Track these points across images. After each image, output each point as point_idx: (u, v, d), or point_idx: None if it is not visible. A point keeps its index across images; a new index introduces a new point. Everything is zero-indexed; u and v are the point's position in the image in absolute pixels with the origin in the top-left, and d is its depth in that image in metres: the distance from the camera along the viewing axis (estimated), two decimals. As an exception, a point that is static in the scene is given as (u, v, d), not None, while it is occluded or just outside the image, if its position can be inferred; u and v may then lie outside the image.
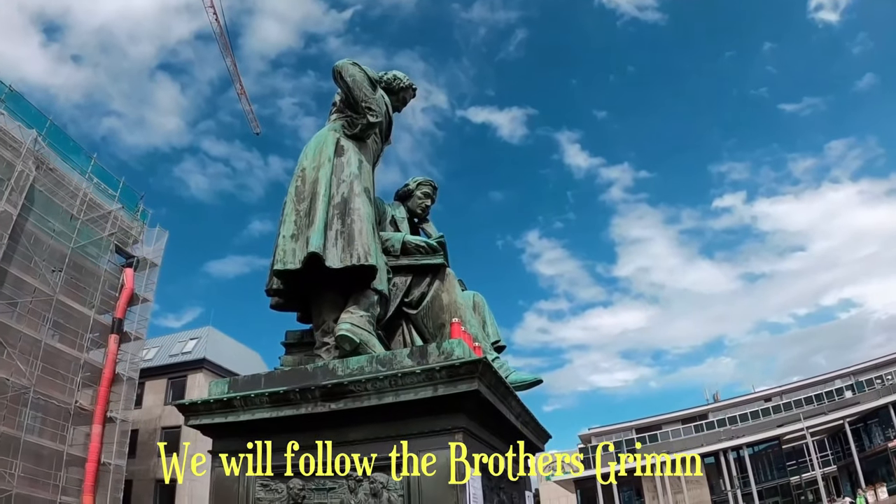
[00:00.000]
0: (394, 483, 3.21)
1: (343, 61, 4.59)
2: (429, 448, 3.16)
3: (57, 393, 26.36)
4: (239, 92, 57.18)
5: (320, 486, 3.45)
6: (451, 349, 3.29)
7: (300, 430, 3.56)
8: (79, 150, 30.40)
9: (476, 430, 3.37)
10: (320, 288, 4.20)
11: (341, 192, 4.19)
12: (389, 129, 5.24)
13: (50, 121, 27.90)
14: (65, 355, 27.12)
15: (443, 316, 4.54)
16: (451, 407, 3.16)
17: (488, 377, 3.21)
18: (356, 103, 4.49)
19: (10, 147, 24.85)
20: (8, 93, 25.84)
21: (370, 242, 3.97)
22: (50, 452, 25.46)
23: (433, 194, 5.86)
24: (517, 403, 3.95)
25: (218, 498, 3.74)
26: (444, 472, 3.07)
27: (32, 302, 25.84)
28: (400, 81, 5.37)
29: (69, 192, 28.31)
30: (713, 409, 63.42)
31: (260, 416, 3.67)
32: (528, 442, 4.68)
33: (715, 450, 46.89)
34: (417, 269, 4.75)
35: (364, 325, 3.92)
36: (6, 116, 25.36)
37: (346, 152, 4.41)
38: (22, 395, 24.30)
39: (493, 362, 4.53)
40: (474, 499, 3.08)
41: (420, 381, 3.18)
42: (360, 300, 4.04)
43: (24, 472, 23.63)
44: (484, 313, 5.41)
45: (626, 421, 68.05)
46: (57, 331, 27.36)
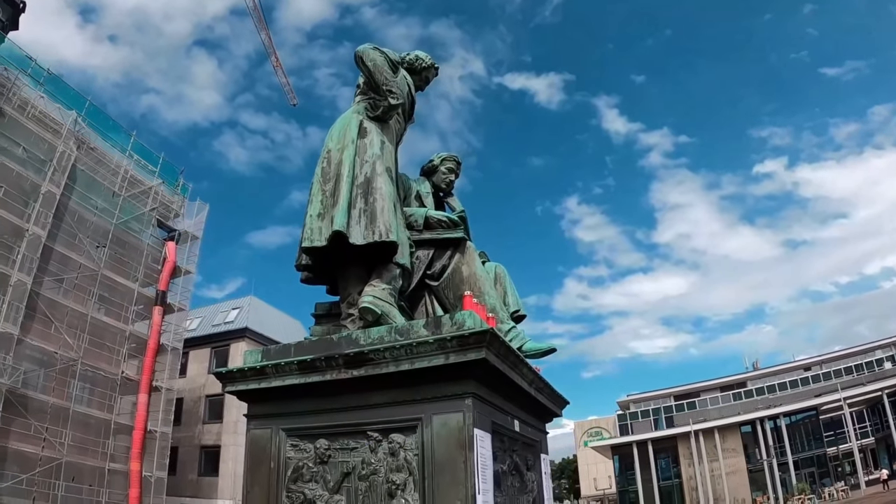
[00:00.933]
0: (410, 443, 3.50)
1: (364, 46, 4.81)
2: (441, 411, 3.43)
3: (104, 364, 27.33)
4: (274, 65, 57.95)
5: (344, 446, 3.76)
6: (462, 320, 3.53)
7: (326, 394, 3.87)
8: (118, 129, 31.16)
9: (487, 395, 3.63)
10: (346, 263, 4.46)
11: (364, 172, 4.42)
12: (412, 109, 5.45)
13: (89, 101, 28.60)
14: (111, 328, 28.08)
15: (462, 287, 4.78)
16: (461, 374, 3.42)
17: (496, 346, 3.45)
18: (378, 86, 4.70)
19: (50, 129, 25.66)
20: (46, 76, 26.55)
21: (391, 219, 4.20)
22: (98, 421, 26.45)
23: (457, 169, 6.09)
24: (529, 371, 4.18)
25: (253, 457, 4.09)
26: (455, 433, 3.34)
27: (78, 277, 26.76)
28: (422, 61, 5.59)
29: (110, 170, 29.11)
30: (752, 377, 63.06)
31: (290, 383, 3.97)
32: (544, 407, 4.92)
33: (751, 418, 46.68)
34: (439, 242, 5.01)
35: (386, 297, 4.19)
36: (46, 99, 26.13)
37: (369, 134, 4.63)
38: (70, 367, 25.30)
39: (510, 332, 4.81)
40: (482, 459, 3.34)
41: (433, 349, 3.44)
42: (383, 274, 4.30)
43: (73, 440, 24.61)
44: (505, 284, 5.60)
45: (664, 388, 68.12)
46: (103, 304, 28.22)
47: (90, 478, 25.30)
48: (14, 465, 22.47)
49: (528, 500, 4.41)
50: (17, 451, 22.54)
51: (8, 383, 21.88)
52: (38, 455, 23.07)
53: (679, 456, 47.98)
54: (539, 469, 4.83)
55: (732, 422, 47.46)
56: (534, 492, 4.53)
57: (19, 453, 22.67)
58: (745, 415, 47.92)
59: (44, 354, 24.62)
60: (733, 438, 46.77)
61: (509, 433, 4.15)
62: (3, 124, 23.85)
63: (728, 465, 45.00)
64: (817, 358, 61.25)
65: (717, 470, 45.04)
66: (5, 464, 22.15)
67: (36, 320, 24.25)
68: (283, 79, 59.02)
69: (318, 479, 3.79)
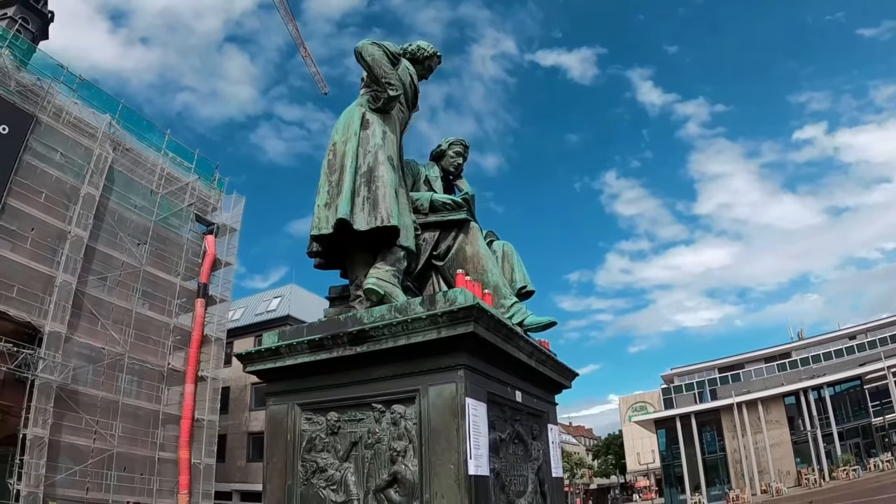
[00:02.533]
0: (409, 413, 3.74)
1: (362, 42, 5.03)
2: (436, 382, 3.66)
3: (150, 357, 28.32)
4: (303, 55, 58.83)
5: (352, 418, 4.03)
6: (454, 297, 3.75)
7: (334, 370, 4.14)
8: (152, 128, 32.00)
9: (481, 366, 3.84)
10: (352, 248, 4.73)
11: (367, 161, 4.66)
12: (416, 98, 5.66)
13: (122, 104, 29.42)
14: (155, 321, 29.06)
15: (466, 266, 5.02)
16: (453, 347, 3.64)
17: (485, 320, 3.66)
18: (377, 79, 4.92)
19: (86, 133, 26.55)
20: (79, 82, 27.39)
21: (392, 205, 4.43)
22: (147, 412, 27.47)
23: (464, 153, 6.30)
24: (527, 344, 4.38)
25: (271, 430, 4.40)
26: (448, 402, 3.58)
27: (121, 275, 27.79)
28: (424, 51, 5.80)
29: (147, 169, 30.01)
30: (796, 347, 62.07)
31: (301, 361, 4.26)
32: (549, 379, 5.13)
33: (795, 389, 45.98)
34: (444, 224, 5.27)
35: (389, 278, 4.44)
36: (80, 105, 26.96)
37: (371, 125, 4.86)
38: (118, 361, 26.28)
39: (512, 307, 5.02)
40: (474, 426, 3.57)
41: (426, 325, 3.67)
42: (387, 256, 4.55)
43: (123, 431, 25.69)
44: (512, 262, 5.81)
45: (708, 360, 67.42)
46: (146, 299, 29.25)
47: (141, 467, 26.36)
48: (67, 457, 23.48)
49: (533, 467, 4.59)
50: (69, 444, 23.54)
51: (58, 380, 22.86)
52: (91, 447, 24.13)
53: (723, 429, 47.52)
54: (546, 438, 5.01)
55: (776, 393, 46.82)
56: (539, 460, 4.71)
57: (72, 446, 23.67)
58: (788, 385, 47.19)
59: (92, 350, 25.62)
60: (777, 410, 46.17)
61: (510, 403, 4.35)
62: (40, 132, 24.75)
63: (772, 437, 44.47)
64: (862, 326, 59.94)
65: (762, 442, 44.57)
66: (59, 457, 23.13)
67: (82, 318, 25.22)
68: (313, 68, 59.98)
69: (329, 449, 4.08)
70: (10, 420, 22.39)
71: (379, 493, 3.75)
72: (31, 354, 22.31)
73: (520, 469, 4.42)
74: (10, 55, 24.92)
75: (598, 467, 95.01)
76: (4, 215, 23.01)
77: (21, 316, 22.62)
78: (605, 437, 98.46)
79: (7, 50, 24.76)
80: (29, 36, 30.35)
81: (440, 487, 3.45)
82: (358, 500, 3.83)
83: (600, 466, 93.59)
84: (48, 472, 22.17)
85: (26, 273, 23.23)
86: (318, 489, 4.03)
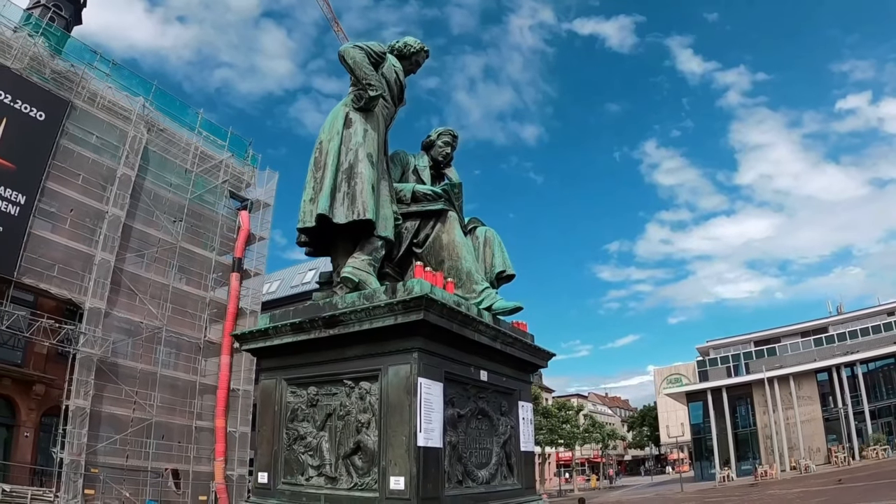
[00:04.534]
0: (373, 389, 4.23)
1: (345, 46, 5.42)
2: (395, 363, 4.13)
3: (187, 330, 29.17)
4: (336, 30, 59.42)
5: (328, 392, 4.56)
6: (412, 287, 4.19)
7: (312, 350, 4.66)
8: (185, 108, 32.61)
9: (439, 349, 4.27)
10: (335, 239, 5.19)
11: (348, 159, 5.07)
12: (402, 93, 5.97)
13: (155, 85, 30.06)
14: (192, 295, 29.83)
15: (442, 253, 5.45)
16: (409, 332, 4.08)
17: (436, 308, 4.07)
18: (358, 81, 5.33)
19: (121, 116, 27.24)
20: (112, 66, 28.20)
21: (369, 199, 4.85)
22: (184, 383, 28.36)
23: (453, 142, 6.58)
24: (487, 328, 4.77)
25: (263, 402, 5.00)
26: (403, 381, 4.03)
27: (158, 251, 28.47)
28: (410, 47, 6.08)
29: (181, 148, 30.64)
30: (833, 322, 60.97)
31: (286, 341, 4.79)
32: (520, 360, 5.51)
33: (827, 365, 45.40)
34: (424, 214, 5.64)
35: (364, 267, 4.89)
36: (114, 89, 27.73)
37: (354, 124, 5.26)
38: (156, 334, 27.11)
39: (483, 292, 5.37)
40: (426, 403, 4.00)
41: (385, 312, 4.12)
42: (365, 246, 5.00)
43: (161, 402, 26.58)
44: (493, 247, 6.07)
45: (744, 334, 66.64)
46: (183, 274, 30.05)
47: (179, 435, 27.33)
48: (108, 426, 24.48)
49: (499, 441, 5.00)
50: (110, 414, 24.54)
51: (99, 353, 23.80)
52: (130, 417, 25.08)
53: (754, 403, 47.27)
54: (516, 414, 5.41)
55: (808, 368, 46.28)
56: (506, 434, 5.10)
57: (113, 416, 24.68)
58: (820, 361, 46.65)
59: (130, 324, 26.50)
60: (809, 386, 45.67)
61: (473, 382, 4.76)
62: (76, 116, 25.53)
63: (803, 413, 44.11)
64: (901, 301, 58.65)
65: (793, 418, 44.24)
66: (100, 426, 24.11)
67: (121, 294, 26.09)
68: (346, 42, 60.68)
69: (308, 419, 4.62)
70: (53, 392, 23.60)
71: (346, 458, 4.27)
72: (73, 330, 23.32)
73: (483, 442, 4.86)
74: (45, 43, 25.75)
75: (632, 438, 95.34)
76: (44, 198, 23.96)
77: (62, 293, 23.67)
78: (641, 409, 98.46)
79: (41, 38, 25.57)
80: (62, 23, 31.14)
81: (394, 456, 3.94)
82: (330, 465, 4.36)
83: (635, 438, 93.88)
84: (90, 441, 23.18)
85: (66, 252, 24.25)
86: (298, 454, 4.60)
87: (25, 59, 24.60)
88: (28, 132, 23.66)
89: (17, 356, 23.74)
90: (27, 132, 23.64)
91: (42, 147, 23.95)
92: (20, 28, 25.90)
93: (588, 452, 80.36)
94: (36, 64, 25.19)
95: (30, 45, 24.90)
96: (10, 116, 23.45)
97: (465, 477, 4.46)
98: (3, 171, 22.93)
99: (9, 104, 23.50)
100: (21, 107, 23.76)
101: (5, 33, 24.97)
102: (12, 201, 22.93)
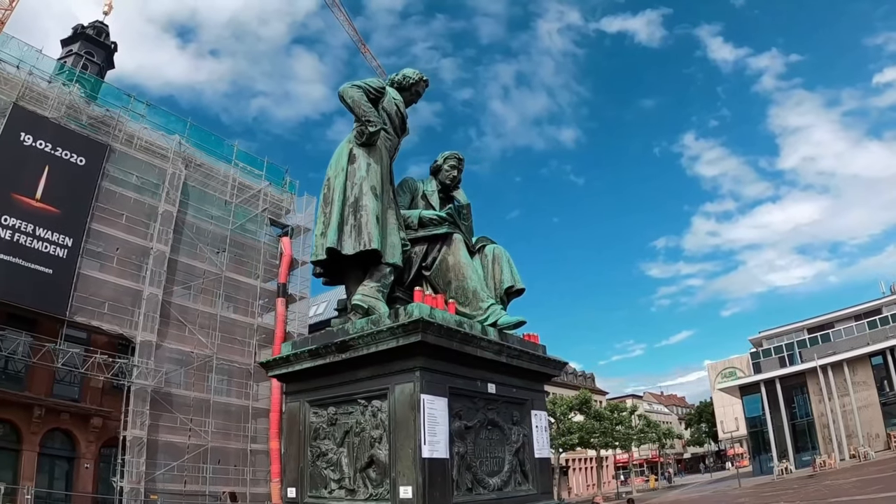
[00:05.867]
0: (384, 407, 4.58)
1: (344, 86, 5.79)
2: (400, 382, 4.48)
3: (237, 356, 29.93)
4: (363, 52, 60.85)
5: (345, 411, 4.94)
6: (412, 311, 4.54)
7: (329, 373, 5.05)
8: (221, 142, 33.75)
9: (441, 367, 4.58)
10: (346, 268, 5.58)
11: (353, 193, 5.45)
12: (403, 123, 6.30)
13: (189, 122, 31.22)
14: (239, 323, 30.67)
15: (448, 274, 5.77)
16: (410, 353, 4.43)
17: (433, 330, 4.40)
18: (358, 119, 5.73)
19: (158, 155, 28.36)
20: (146, 107, 29.34)
21: (374, 230, 5.21)
22: (237, 408, 29.17)
23: (458, 165, 6.89)
24: (490, 343, 5.05)
25: (289, 423, 5.46)
26: (408, 398, 4.38)
27: (204, 282, 29.43)
28: (409, 79, 6.45)
29: (219, 181, 31.61)
30: (887, 302, 58.98)
31: (305, 366, 5.20)
32: (529, 371, 5.72)
33: (881, 349, 44.03)
34: (431, 238, 5.97)
35: (373, 293, 5.26)
36: (150, 129, 28.84)
37: (357, 159, 5.62)
38: (207, 362, 28.00)
39: (489, 309, 5.62)
40: (430, 417, 4.33)
41: (388, 336, 4.48)
42: (374, 274, 5.37)
43: (216, 427, 27.39)
44: (502, 263, 6.32)
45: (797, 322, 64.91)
46: (229, 303, 30.93)
47: (235, 459, 28.14)
48: (165, 454, 25.40)
49: (511, 450, 5.26)
50: (167, 442, 25.45)
51: (152, 384, 24.81)
52: (186, 443, 25.96)
53: (809, 392, 46.12)
54: (529, 423, 5.63)
55: (861, 353, 44.90)
56: (518, 442, 5.36)
57: (169, 443, 25.58)
58: (873, 345, 45.30)
59: (181, 354, 27.45)
60: (864, 371, 44.27)
61: (481, 395, 5.05)
62: (115, 159, 26.72)
63: (860, 399, 42.84)
64: (959, 277, 56.65)
65: (849, 405, 43.01)
66: (157, 454, 25.05)
67: (171, 325, 27.06)
68: (374, 62, 61.90)
69: (329, 437, 5.02)
70: (110, 424, 24.63)
71: (362, 471, 4.65)
72: (126, 363, 24.41)
73: (494, 451, 5.13)
74: (80, 91, 27.03)
75: (690, 436, 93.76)
76: (91, 239, 25.13)
77: (114, 329, 24.76)
78: (697, 405, 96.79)
79: (76, 86, 26.89)
80: (95, 69, 32.59)
81: (402, 468, 4.29)
82: (349, 478, 4.74)
83: (693, 435, 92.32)
84: (148, 469, 24.16)
85: (115, 289, 25.37)
86: (321, 469, 5.01)
87: (62, 107, 25.82)
88: (70, 177, 24.85)
89: (73, 391, 24.91)
90: (69, 178, 24.83)
91: (84, 190, 25.10)
92: (54, 78, 27.19)
93: (646, 453, 79.37)
94: (73, 111, 26.42)
95: (65, 93, 26.16)
96: (51, 164, 24.62)
97: (476, 484, 4.76)
98: (49, 216, 24.10)
99: (50, 152, 24.68)
100: (62, 154, 24.97)
101: (41, 85, 26.23)
102: (60, 244, 24.05)
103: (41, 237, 23.63)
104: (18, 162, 23.87)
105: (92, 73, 31.15)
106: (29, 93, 25.38)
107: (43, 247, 23.61)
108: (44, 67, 26.98)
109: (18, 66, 25.59)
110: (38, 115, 24.92)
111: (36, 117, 24.80)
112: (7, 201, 23.31)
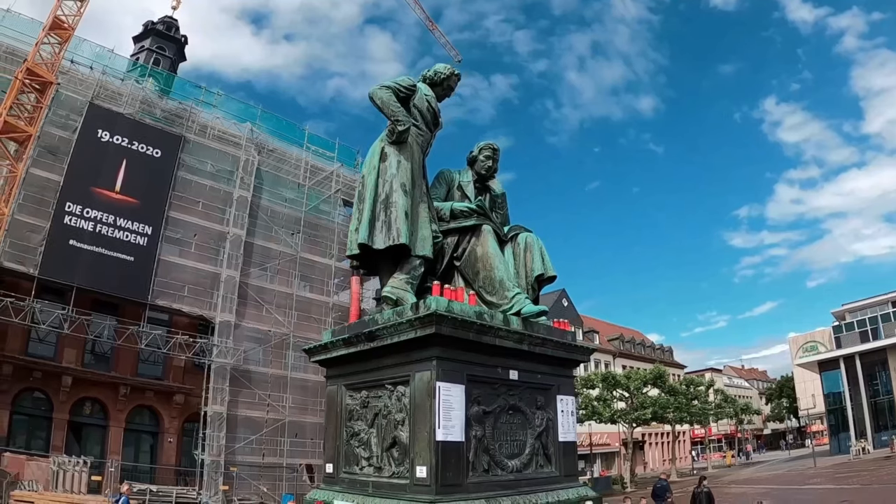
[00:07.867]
0: (406, 392, 4.99)
1: (373, 87, 6.09)
2: (420, 370, 4.86)
3: (313, 334, 30.18)
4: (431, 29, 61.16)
5: (375, 395, 5.38)
6: (430, 304, 4.90)
7: (362, 360, 5.50)
8: (292, 126, 34.62)
9: (459, 356, 4.93)
10: (379, 261, 6.00)
11: (385, 190, 5.82)
12: (436, 118, 6.60)
13: (260, 108, 32.19)
14: (315, 302, 31.65)
15: (477, 265, 6.07)
16: (427, 343, 4.80)
17: (447, 322, 4.72)
18: (388, 118, 6.08)
19: (231, 143, 29.50)
20: (217, 97, 30.49)
21: (403, 225, 5.57)
22: (314, 384, 29.91)
23: (493, 155, 7.07)
24: (509, 332, 5.32)
25: (328, 404, 6.01)
26: (425, 385, 4.75)
27: (279, 263, 30.56)
28: (441, 74, 6.72)
29: (292, 165, 32.52)
30: (974, 269, 55.31)
31: (341, 353, 5.67)
32: (552, 357, 5.93)
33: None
34: (462, 229, 6.26)
35: (402, 285, 5.65)
36: (222, 118, 29.99)
37: (388, 157, 5.97)
38: (283, 340, 29.14)
39: (514, 298, 5.91)
40: (446, 403, 4.69)
41: (408, 327, 4.86)
42: (404, 266, 5.75)
43: (293, 402, 28.61)
44: (533, 252, 6.55)
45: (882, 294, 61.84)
46: (305, 282, 31.90)
47: (311, 432, 29.25)
48: (245, 428, 26.83)
49: (533, 433, 5.55)
50: (246, 417, 26.90)
51: (232, 362, 26.21)
52: (264, 418, 27.34)
53: (890, 369, 44.00)
54: (554, 407, 5.87)
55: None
56: (542, 426, 5.63)
57: (248, 418, 27.02)
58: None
59: (259, 333, 28.77)
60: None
61: (502, 381, 5.35)
62: (190, 149, 28.07)
63: (943, 374, 40.80)
64: None
65: (933, 382, 41.07)
66: (237, 428, 26.50)
67: (248, 306, 28.42)
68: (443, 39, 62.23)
69: (361, 418, 5.48)
70: (192, 401, 26.29)
71: (387, 451, 5.10)
72: (206, 343, 25.92)
73: (515, 435, 5.43)
74: (153, 85, 28.48)
75: (770, 411, 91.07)
76: (169, 226, 26.65)
77: (194, 311, 26.27)
78: (779, 380, 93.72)
79: (149, 80, 28.31)
80: (167, 63, 34.02)
81: (420, 449, 4.69)
82: (376, 457, 5.20)
83: (773, 410, 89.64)
84: (228, 443, 25.64)
85: (194, 273, 26.87)
86: (354, 448, 5.49)
87: (136, 103, 27.27)
88: (147, 169, 26.32)
89: (157, 370, 26.67)
90: (146, 169, 26.30)
91: (161, 181, 26.54)
92: (127, 75, 28.63)
93: (724, 428, 77.67)
94: (147, 106, 27.85)
95: (138, 90, 27.61)
96: (129, 157, 26.09)
97: (493, 466, 5.09)
98: (129, 207, 25.63)
99: (126, 146, 26.13)
100: (138, 147, 26.40)
101: (114, 83, 27.69)
102: (140, 233, 25.59)
103: (122, 227, 25.20)
104: (97, 157, 25.35)
105: (164, 67, 32.60)
106: (104, 91, 26.87)
107: (124, 236, 25.18)
108: (116, 66, 28.44)
109: (92, 66, 27.06)
110: (114, 112, 26.38)
111: (112, 114, 26.25)
112: (89, 195, 24.85)
